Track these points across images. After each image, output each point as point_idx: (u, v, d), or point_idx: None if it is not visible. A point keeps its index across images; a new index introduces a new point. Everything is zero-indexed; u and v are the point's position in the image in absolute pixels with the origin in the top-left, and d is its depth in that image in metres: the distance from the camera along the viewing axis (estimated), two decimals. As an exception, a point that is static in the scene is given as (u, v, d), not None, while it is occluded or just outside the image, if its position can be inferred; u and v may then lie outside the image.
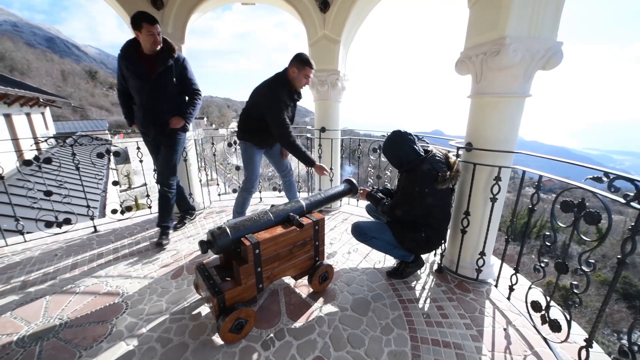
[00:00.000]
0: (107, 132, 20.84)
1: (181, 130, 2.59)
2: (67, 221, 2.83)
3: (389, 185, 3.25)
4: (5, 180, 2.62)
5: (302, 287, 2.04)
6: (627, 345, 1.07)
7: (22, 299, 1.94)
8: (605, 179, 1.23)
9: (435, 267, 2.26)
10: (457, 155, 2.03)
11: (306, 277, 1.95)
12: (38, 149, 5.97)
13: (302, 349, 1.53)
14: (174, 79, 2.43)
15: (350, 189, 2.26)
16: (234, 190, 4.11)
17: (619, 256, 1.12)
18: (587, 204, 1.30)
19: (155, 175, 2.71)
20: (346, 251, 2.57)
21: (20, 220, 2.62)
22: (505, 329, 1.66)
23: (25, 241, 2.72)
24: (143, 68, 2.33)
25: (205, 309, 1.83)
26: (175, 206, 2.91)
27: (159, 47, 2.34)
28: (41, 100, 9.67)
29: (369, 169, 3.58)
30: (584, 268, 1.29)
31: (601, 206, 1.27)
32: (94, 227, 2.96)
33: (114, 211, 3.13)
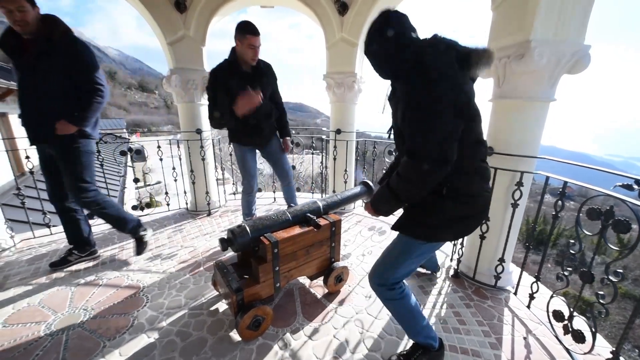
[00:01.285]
0: (124, 130, 21.53)
1: (79, 137, 2.03)
2: (90, 216, 2.94)
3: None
4: (34, 176, 2.75)
5: (317, 287, 2.05)
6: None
7: (49, 290, 2.03)
8: (636, 186, 1.19)
9: (451, 272, 2.23)
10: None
11: (321, 278, 1.96)
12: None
13: (318, 349, 1.54)
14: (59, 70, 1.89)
15: (367, 191, 2.26)
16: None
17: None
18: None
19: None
20: (360, 253, 2.56)
21: (47, 214, 2.74)
22: (525, 338, 1.62)
23: (52, 234, 2.84)
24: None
25: (222, 306, 1.86)
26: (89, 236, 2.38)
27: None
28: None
29: (384, 170, 3.57)
30: (611, 278, 1.25)
31: (628, 215, 1.23)
32: (115, 222, 3.06)
33: (134, 207, 3.23)
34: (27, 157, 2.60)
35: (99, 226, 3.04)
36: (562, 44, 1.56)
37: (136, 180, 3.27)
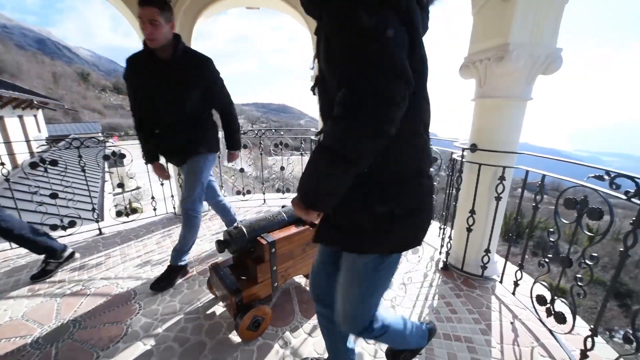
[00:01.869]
0: (100, 134, 20.61)
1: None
2: (72, 224, 2.82)
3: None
4: (10, 183, 2.61)
5: (313, 285, 2.08)
6: (631, 332, 1.14)
7: (32, 302, 1.94)
8: (606, 177, 1.31)
9: (441, 265, 2.32)
10: (462, 156, 2.10)
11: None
12: (30, 152, 5.89)
13: (318, 345, 1.57)
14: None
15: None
16: (238, 192, 4.15)
17: (621, 249, 1.20)
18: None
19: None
20: (353, 251, 2.61)
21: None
22: (512, 323, 1.73)
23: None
24: None
25: (219, 309, 1.85)
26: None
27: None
28: (35, 102, 9.54)
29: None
30: (587, 262, 1.36)
31: (600, 205, 1.35)
32: (99, 229, 2.96)
33: (119, 213, 3.13)
34: (2, 164, 2.46)
35: (81, 234, 2.91)
36: (537, 47, 1.68)
37: (120, 185, 3.17)
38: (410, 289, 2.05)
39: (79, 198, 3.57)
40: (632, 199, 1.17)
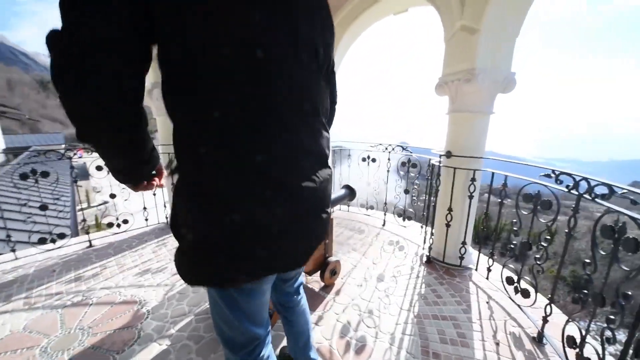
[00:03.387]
0: (62, 146, 19.22)
1: None
2: (62, 236, 2.76)
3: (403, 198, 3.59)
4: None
5: (314, 283, 2.25)
6: (577, 295, 1.46)
7: (31, 314, 1.92)
8: (553, 175, 1.65)
9: (424, 259, 2.60)
10: (440, 162, 2.42)
11: (317, 274, 2.17)
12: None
13: (325, 332, 1.74)
14: None
15: (350, 194, 2.54)
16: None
17: (566, 230, 1.53)
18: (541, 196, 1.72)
19: None
20: (347, 250, 2.83)
21: (11, 238, 2.52)
22: (487, 302, 2.02)
23: (17, 258, 2.60)
24: None
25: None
26: None
27: None
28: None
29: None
30: (542, 244, 1.69)
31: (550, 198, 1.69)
32: (89, 241, 2.91)
33: (110, 225, 3.09)
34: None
35: (70, 247, 2.85)
36: (497, 71, 2.05)
37: (112, 196, 3.14)
38: (400, 281, 2.29)
39: (50, 213, 3.44)
40: (571, 191, 1.51)
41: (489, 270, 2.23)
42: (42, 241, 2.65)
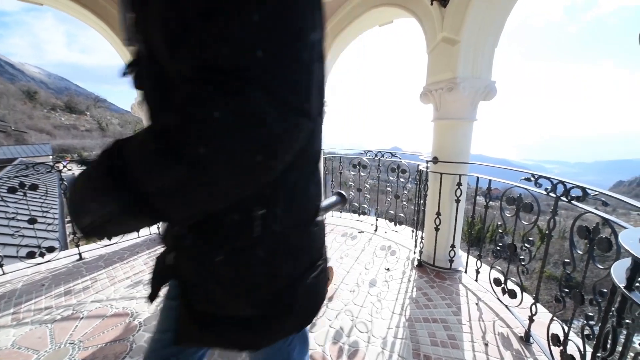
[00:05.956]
0: (50, 157, 18.89)
1: None
2: (51, 249, 2.73)
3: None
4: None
5: (307, 289, 2.27)
6: (560, 294, 1.52)
7: (20, 331, 1.89)
8: (532, 178, 1.73)
9: (415, 263, 2.65)
10: (427, 168, 2.49)
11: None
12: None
13: (319, 338, 1.76)
14: None
15: (341, 201, 2.59)
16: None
17: (547, 231, 1.60)
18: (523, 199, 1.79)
19: None
20: (339, 256, 2.86)
21: (-1, 252, 2.49)
22: (477, 304, 2.07)
23: (4, 273, 2.55)
24: None
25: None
26: None
27: None
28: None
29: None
30: (526, 245, 1.75)
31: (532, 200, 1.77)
32: (79, 254, 2.88)
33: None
34: (-24, 191, 2.37)
35: (59, 260, 2.81)
36: (478, 80, 2.15)
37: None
38: (392, 285, 2.33)
39: (39, 226, 3.38)
40: (550, 194, 1.58)
41: (477, 272, 2.28)
42: (30, 255, 2.61)
